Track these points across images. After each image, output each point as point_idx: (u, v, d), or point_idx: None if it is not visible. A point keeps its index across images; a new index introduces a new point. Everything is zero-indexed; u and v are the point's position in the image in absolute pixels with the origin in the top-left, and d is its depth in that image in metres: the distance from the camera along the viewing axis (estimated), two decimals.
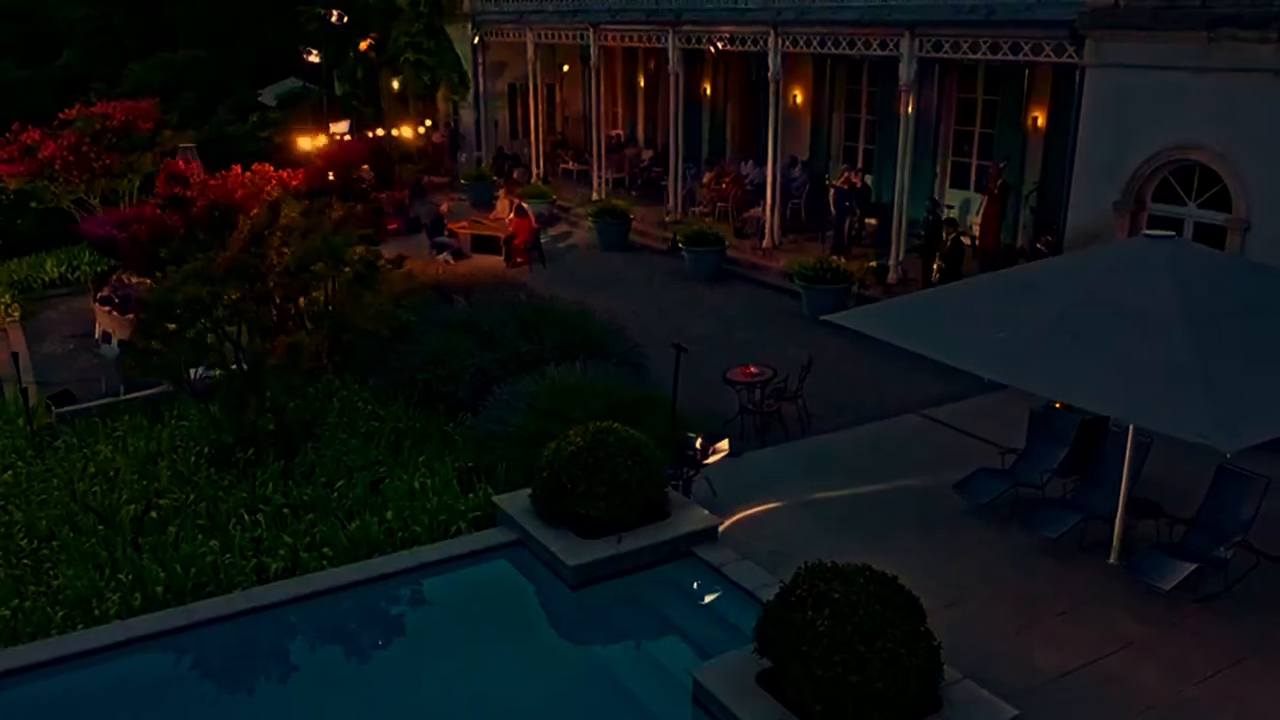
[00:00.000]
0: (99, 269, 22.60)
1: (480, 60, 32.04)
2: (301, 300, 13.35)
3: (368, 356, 14.17)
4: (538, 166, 30.12)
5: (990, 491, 10.95)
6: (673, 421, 12.05)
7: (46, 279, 22.89)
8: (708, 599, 9.64)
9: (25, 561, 10.50)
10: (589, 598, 9.49)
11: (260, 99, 39.09)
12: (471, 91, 32.49)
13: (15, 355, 17.45)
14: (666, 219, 24.51)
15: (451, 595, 9.85)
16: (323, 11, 33.87)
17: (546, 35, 28.51)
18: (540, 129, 30.06)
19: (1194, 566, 9.34)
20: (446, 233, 22.62)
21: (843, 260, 19.30)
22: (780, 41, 20.40)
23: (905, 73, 17.73)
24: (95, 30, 43.79)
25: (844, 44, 19.17)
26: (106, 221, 14.75)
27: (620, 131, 32.83)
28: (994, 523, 10.79)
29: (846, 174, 21.85)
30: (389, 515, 10.76)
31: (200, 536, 10.51)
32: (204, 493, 11.47)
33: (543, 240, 23.39)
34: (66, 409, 14.23)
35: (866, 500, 11.41)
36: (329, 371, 13.87)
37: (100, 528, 10.83)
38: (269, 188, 15.72)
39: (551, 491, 10.08)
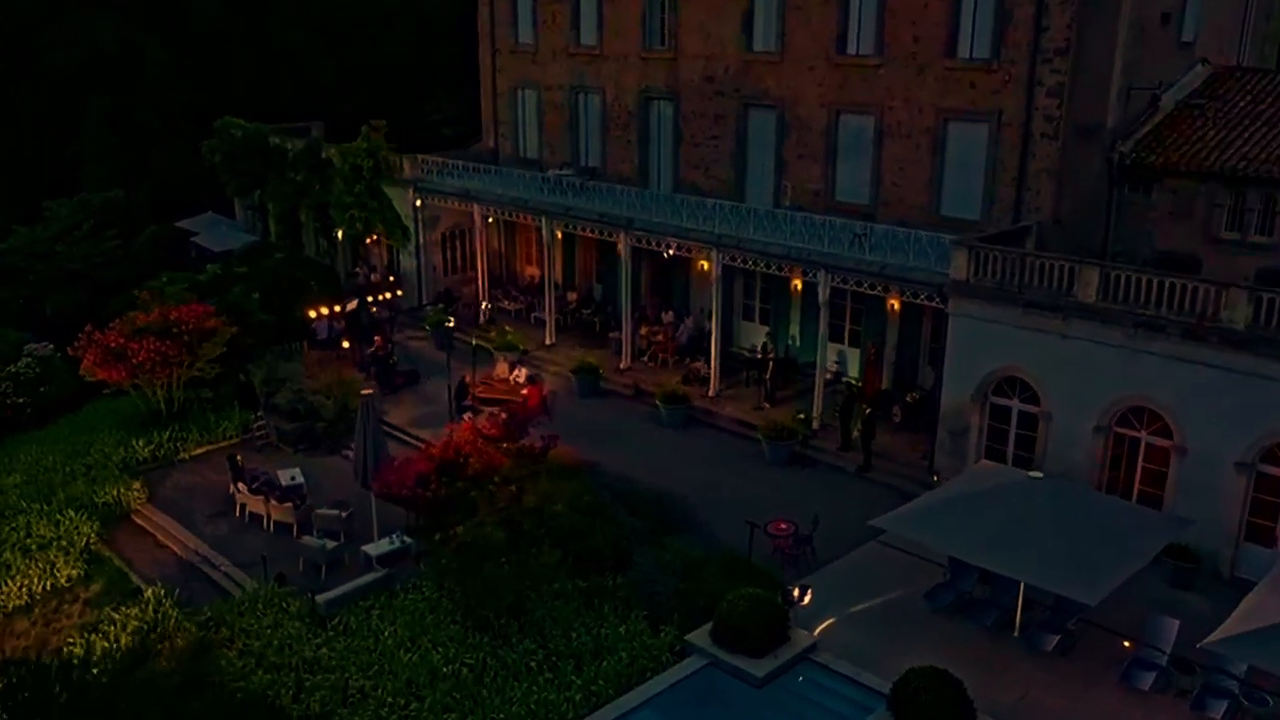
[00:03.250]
0: (188, 452, 27.89)
1: (419, 217, 38.38)
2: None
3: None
4: (484, 308, 36.98)
5: (944, 600, 19.83)
6: (750, 572, 20.17)
7: (140, 456, 27.75)
8: (829, 682, 17.84)
9: None
10: (769, 691, 17.47)
11: (194, 239, 43.22)
12: (412, 241, 38.77)
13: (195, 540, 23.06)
14: (621, 367, 32.27)
15: (686, 699, 17.50)
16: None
17: (496, 212, 35.51)
18: (484, 277, 36.95)
19: (1058, 637, 18.54)
20: (470, 398, 29.40)
21: (769, 405, 28.09)
22: (720, 255, 28.79)
23: (822, 294, 26.60)
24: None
25: (774, 267, 27.86)
26: (406, 483, 19.57)
27: (536, 271, 40.09)
28: (950, 618, 19.64)
29: (766, 341, 30.59)
30: (623, 655, 18.23)
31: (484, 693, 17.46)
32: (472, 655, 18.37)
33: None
34: (327, 596, 20.39)
35: (877, 610, 19.97)
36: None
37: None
38: (481, 445, 21.13)
39: (732, 631, 17.97)
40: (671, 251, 30.23)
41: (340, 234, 40.21)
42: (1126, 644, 18.51)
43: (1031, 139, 25.73)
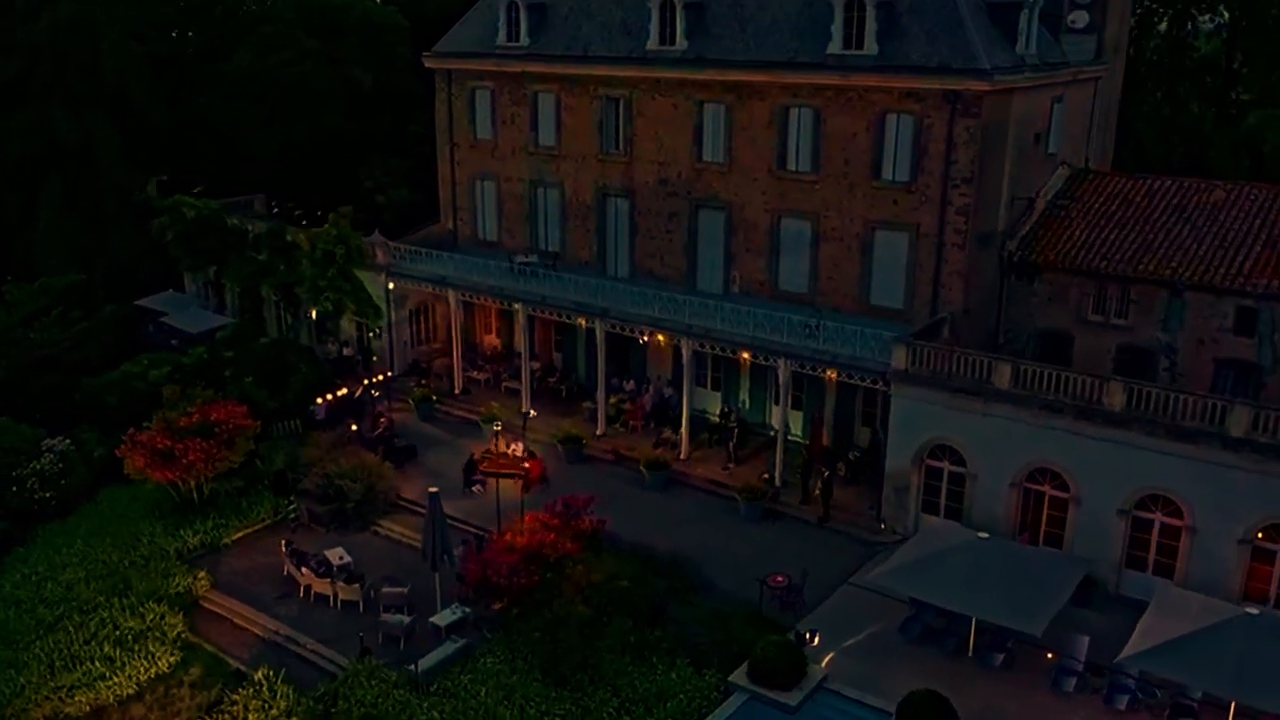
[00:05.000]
0: (229, 538, 31.22)
1: (390, 298, 42.06)
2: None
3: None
4: (458, 379, 41.06)
5: (914, 631, 25.61)
6: (766, 621, 25.51)
7: (190, 545, 30.88)
8: (844, 705, 23.29)
9: None
10: (800, 717, 22.81)
11: (163, 319, 45.48)
12: (384, 318, 42.39)
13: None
14: (598, 434, 37.02)
15: None
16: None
17: (471, 297, 39.66)
18: (458, 353, 41.01)
19: (1003, 655, 24.56)
20: (479, 474, 33.63)
21: (734, 465, 33.60)
22: (691, 342, 33.98)
23: (783, 376, 32.15)
24: None
25: (739, 352, 33.25)
26: (501, 572, 24.29)
27: (496, 341, 44.34)
28: (920, 646, 25.42)
29: (726, 409, 36.00)
30: (682, 697, 23.22)
31: None
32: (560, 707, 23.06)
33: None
34: (424, 665, 24.55)
35: (864, 643, 25.54)
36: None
37: None
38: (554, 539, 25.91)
39: (766, 671, 23.24)
40: (645, 339, 35.27)
41: (314, 313, 43.42)
42: (1050, 655, 24.66)
43: (944, 247, 31.98)
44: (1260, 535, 25.39)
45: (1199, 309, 31.31)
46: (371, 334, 43.40)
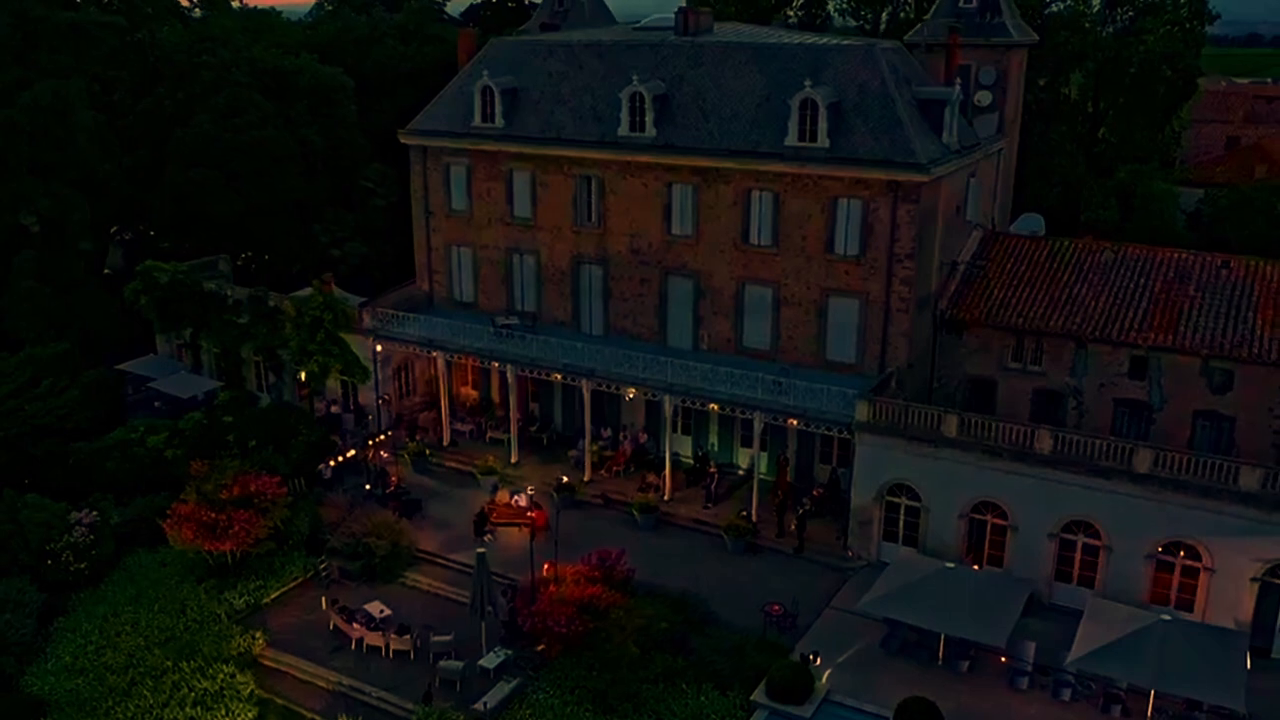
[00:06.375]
0: (269, 597, 34.25)
1: (377, 359, 45.25)
2: None
3: None
4: (445, 433, 44.59)
5: (893, 646, 30.74)
6: (773, 647, 30.25)
7: (236, 606, 33.80)
8: (849, 714, 28.19)
9: None
10: None
11: (150, 384, 47.44)
12: (371, 378, 45.54)
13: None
14: (585, 479, 41.15)
15: None
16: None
17: (458, 359, 43.25)
18: (446, 409, 44.53)
19: (968, 662, 29.90)
20: (489, 525, 37.41)
21: (712, 505, 38.31)
22: (673, 399, 38.49)
23: (758, 427, 36.98)
24: None
25: (722, 408, 37.92)
26: (560, 621, 28.20)
27: (473, 393, 47.93)
28: (899, 658, 30.55)
29: (704, 452, 40.65)
30: (712, 717, 27.73)
31: None
32: None
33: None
34: (490, 704, 28.36)
35: (852, 658, 30.51)
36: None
37: None
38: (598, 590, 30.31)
39: (783, 689, 27.98)
40: (631, 396, 39.65)
41: (304, 376, 46.25)
42: (1003, 659, 30.08)
43: (891, 311, 37.32)
44: (1161, 550, 31.38)
45: (1099, 358, 37.52)
46: (359, 390, 46.44)
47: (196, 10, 68.85)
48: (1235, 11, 66.43)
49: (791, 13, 75.42)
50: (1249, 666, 27.58)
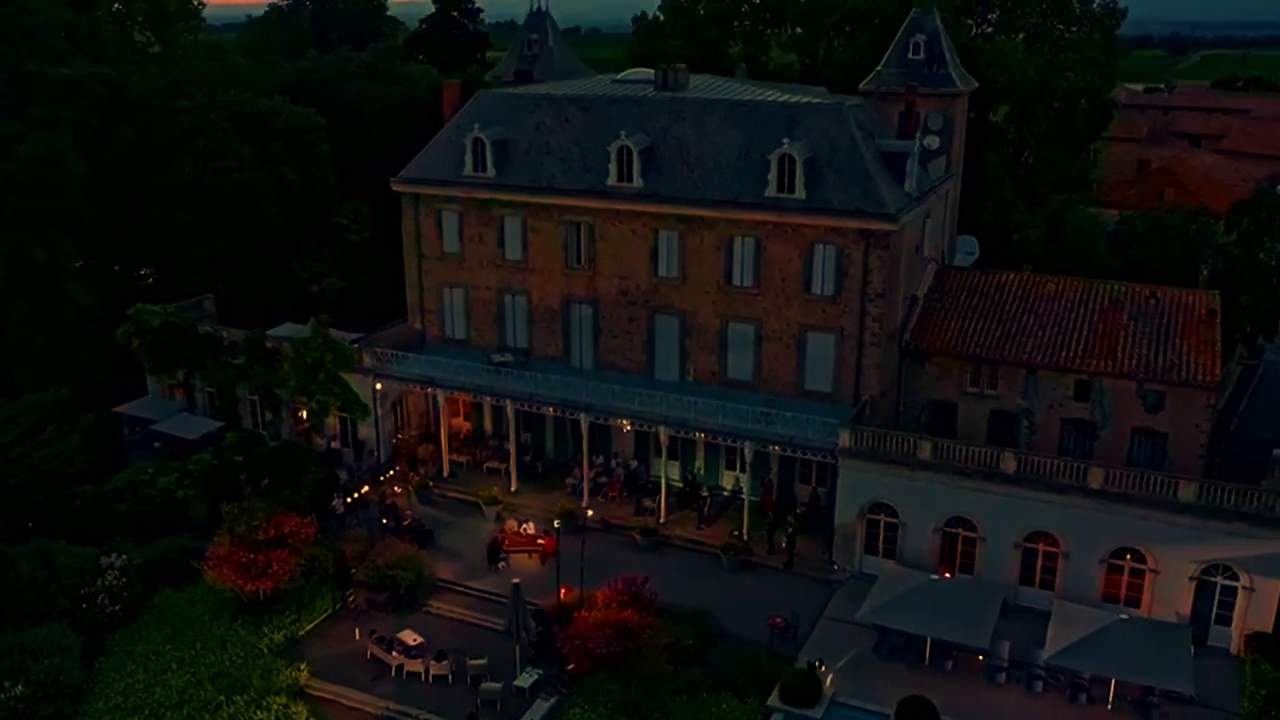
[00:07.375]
0: (303, 629, 36.57)
1: (376, 397, 47.59)
2: None
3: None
4: (445, 464, 47.17)
5: (885, 651, 34.52)
6: (780, 657, 33.80)
7: (275, 640, 36.04)
8: (853, 714, 31.84)
9: None
10: None
11: (153, 427, 48.98)
12: (370, 414, 47.83)
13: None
14: (584, 505, 44.19)
15: None
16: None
17: (455, 394, 45.88)
18: (446, 442, 47.08)
19: (951, 662, 33.84)
20: (502, 552, 40.21)
21: (705, 526, 41.79)
22: (667, 430, 41.78)
23: (748, 455, 40.51)
24: None
25: (710, 437, 41.35)
26: (601, 645, 31.18)
27: (465, 424, 50.54)
28: (891, 661, 34.33)
29: (694, 477, 44.00)
30: None
31: None
32: None
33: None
34: None
35: (850, 663, 34.19)
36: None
37: None
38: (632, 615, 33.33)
39: (795, 694, 31.52)
40: (628, 428, 42.83)
41: (304, 413, 48.35)
42: (981, 658, 34.07)
43: (864, 346, 41.20)
44: (1112, 555, 35.75)
45: (1048, 382, 41.98)
46: (359, 425, 48.66)
47: (155, 46, 70.14)
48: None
49: (734, 44, 78.94)
50: (1192, 654, 32.09)
